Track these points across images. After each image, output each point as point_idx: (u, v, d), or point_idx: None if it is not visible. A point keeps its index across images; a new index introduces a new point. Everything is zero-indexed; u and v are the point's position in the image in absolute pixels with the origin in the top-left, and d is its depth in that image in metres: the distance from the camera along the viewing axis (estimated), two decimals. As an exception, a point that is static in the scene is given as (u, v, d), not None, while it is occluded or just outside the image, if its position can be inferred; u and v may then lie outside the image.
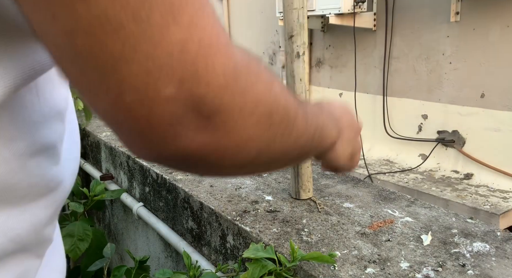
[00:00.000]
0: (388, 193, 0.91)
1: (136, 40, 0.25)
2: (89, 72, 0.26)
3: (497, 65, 2.56)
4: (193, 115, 0.28)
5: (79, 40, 0.25)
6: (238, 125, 0.31)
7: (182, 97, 0.27)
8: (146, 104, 0.27)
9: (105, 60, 0.25)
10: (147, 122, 0.27)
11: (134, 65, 0.26)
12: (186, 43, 0.26)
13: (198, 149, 0.30)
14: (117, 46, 0.25)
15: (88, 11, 0.24)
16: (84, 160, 1.78)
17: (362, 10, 3.09)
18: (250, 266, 0.64)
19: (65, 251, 1.23)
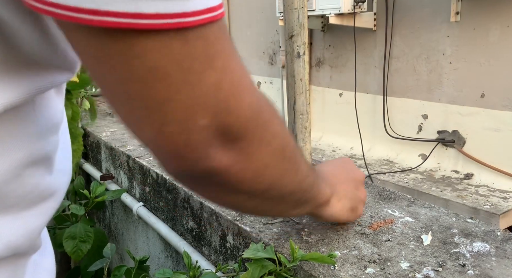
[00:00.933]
0: (388, 193, 0.91)
1: (180, 84, 0.30)
2: (138, 110, 0.32)
3: (497, 65, 2.56)
4: (222, 140, 0.34)
5: (133, 86, 0.30)
6: (257, 152, 0.37)
7: (214, 126, 0.33)
8: (184, 133, 0.32)
9: (153, 101, 0.31)
10: (184, 147, 0.33)
11: (176, 104, 0.31)
12: (220, 84, 0.32)
13: (223, 169, 0.36)
14: (164, 90, 0.30)
15: (142, 64, 0.29)
16: (84, 160, 1.78)
17: (362, 10, 3.09)
18: (250, 266, 0.64)
19: (68, 252, 1.23)
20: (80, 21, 0.27)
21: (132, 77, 0.30)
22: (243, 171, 0.37)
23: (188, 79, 0.30)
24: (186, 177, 0.38)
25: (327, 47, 3.58)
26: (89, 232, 1.26)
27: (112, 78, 0.30)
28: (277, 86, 4.09)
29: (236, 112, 0.33)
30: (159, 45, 0.29)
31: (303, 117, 0.88)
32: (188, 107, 0.31)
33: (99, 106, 2.23)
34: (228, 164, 0.36)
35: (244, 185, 0.39)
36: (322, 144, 3.64)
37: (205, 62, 0.31)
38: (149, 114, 0.32)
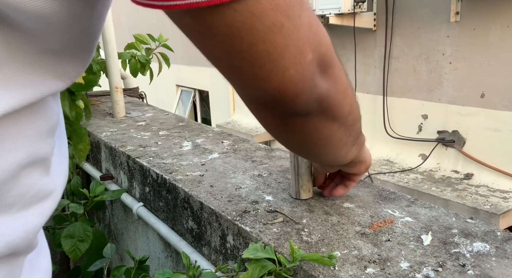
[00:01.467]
0: (388, 193, 0.91)
1: (290, 30, 0.36)
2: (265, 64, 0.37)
3: (497, 65, 2.56)
4: (320, 69, 0.41)
5: (259, 46, 0.35)
6: (340, 75, 0.45)
7: (316, 58, 0.39)
8: (300, 71, 0.38)
9: (276, 53, 0.36)
10: (302, 83, 0.39)
11: (292, 49, 0.37)
12: (310, 21, 0.38)
13: (327, 93, 0.43)
14: (282, 40, 0.36)
15: (263, 25, 0.34)
16: (84, 160, 1.78)
17: (362, 10, 3.09)
18: (249, 266, 0.64)
19: (66, 252, 1.23)
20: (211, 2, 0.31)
21: (258, 39, 0.35)
22: (337, 92, 0.46)
23: (294, 24, 0.36)
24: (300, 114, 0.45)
25: (327, 47, 3.58)
26: (88, 232, 1.26)
27: (241, 46, 0.35)
28: (277, 86, 4.08)
29: (324, 42, 0.40)
30: (271, 3, 0.33)
31: (303, 117, 0.88)
32: (300, 48, 0.37)
33: (99, 107, 2.23)
34: (329, 88, 0.43)
35: (340, 106, 0.47)
36: (322, 144, 3.63)
37: (299, 6, 0.36)
38: (275, 65, 0.37)
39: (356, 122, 0.56)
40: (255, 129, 4.34)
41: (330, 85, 0.44)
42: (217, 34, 0.34)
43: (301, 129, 0.49)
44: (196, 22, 0.34)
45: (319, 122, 0.48)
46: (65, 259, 1.89)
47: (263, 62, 0.37)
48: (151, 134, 1.59)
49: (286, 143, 0.56)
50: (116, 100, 1.94)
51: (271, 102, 0.42)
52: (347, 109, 0.50)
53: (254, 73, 0.38)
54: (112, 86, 1.93)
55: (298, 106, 0.42)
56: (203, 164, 1.17)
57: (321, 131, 0.51)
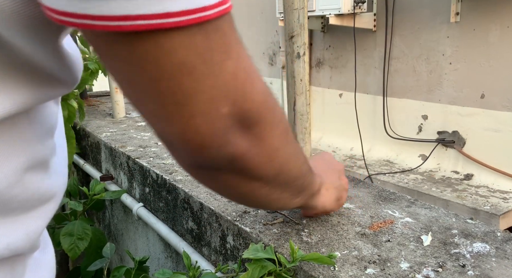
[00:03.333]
0: (388, 194, 0.91)
1: (204, 76, 0.32)
2: (167, 106, 0.33)
3: (497, 66, 2.56)
4: (240, 126, 0.36)
5: (162, 83, 0.32)
6: (269, 135, 0.40)
7: (234, 113, 0.35)
8: (210, 123, 0.34)
9: (182, 95, 0.32)
10: (210, 136, 0.35)
11: (202, 95, 0.33)
12: (237, 72, 0.34)
13: (241, 153, 0.38)
14: (191, 83, 0.32)
15: (171, 62, 0.31)
16: (84, 161, 1.78)
17: (362, 10, 3.09)
18: (249, 266, 0.64)
19: (65, 250, 1.23)
20: (113, 28, 0.28)
21: (163, 75, 0.31)
22: (259, 154, 0.40)
23: (211, 70, 0.32)
24: (208, 168, 0.40)
25: (327, 47, 3.58)
26: (87, 230, 1.26)
27: (142, 78, 0.32)
28: (277, 87, 4.09)
29: (251, 97, 0.36)
30: (185, 41, 0.30)
31: (303, 117, 0.88)
32: (213, 97, 0.33)
33: (99, 107, 2.23)
34: (247, 148, 0.38)
35: (259, 169, 0.42)
36: (322, 145, 3.64)
37: (224, 53, 0.33)
38: (178, 108, 0.33)
39: (292, 180, 0.51)
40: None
41: (251, 145, 0.38)
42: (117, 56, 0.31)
43: (213, 182, 0.44)
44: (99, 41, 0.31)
45: (233, 179, 0.43)
46: (65, 259, 1.89)
47: (166, 102, 0.33)
48: (151, 134, 1.59)
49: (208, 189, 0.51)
50: (116, 101, 1.94)
51: (175, 147, 0.38)
52: (274, 171, 0.44)
53: (156, 111, 0.34)
54: (112, 87, 1.93)
55: (202, 160, 0.38)
56: (203, 164, 1.17)
57: (238, 188, 0.46)
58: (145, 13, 0.28)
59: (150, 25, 0.28)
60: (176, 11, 0.29)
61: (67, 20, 0.29)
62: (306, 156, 0.55)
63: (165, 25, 0.29)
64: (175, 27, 0.29)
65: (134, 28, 0.28)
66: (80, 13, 0.28)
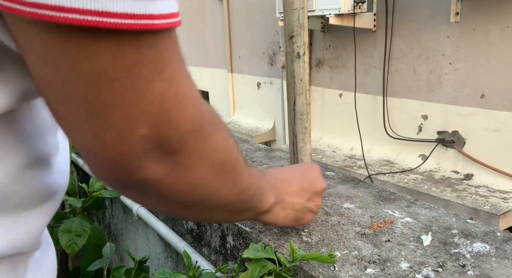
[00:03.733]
0: (388, 194, 0.91)
1: (126, 90, 0.29)
2: (77, 113, 0.30)
3: (497, 66, 2.56)
4: (158, 151, 0.33)
5: (76, 88, 0.29)
6: (194, 165, 0.36)
7: (152, 137, 0.32)
8: (121, 141, 0.31)
9: (95, 105, 0.29)
10: (119, 155, 0.32)
11: (119, 110, 0.30)
12: (165, 94, 0.31)
13: (156, 180, 0.35)
14: (108, 95, 0.29)
15: (91, 67, 0.28)
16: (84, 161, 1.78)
17: (362, 10, 3.09)
18: (249, 266, 0.64)
19: (63, 246, 1.23)
20: (43, 17, 0.26)
21: (78, 79, 0.28)
22: (177, 183, 0.37)
23: (135, 86, 0.30)
24: (119, 185, 0.37)
25: (327, 47, 3.58)
26: (85, 227, 1.26)
27: (56, 78, 0.29)
28: (277, 87, 4.09)
29: (176, 124, 0.33)
30: (113, 47, 0.28)
31: (303, 117, 0.88)
32: (130, 115, 0.30)
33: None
34: (163, 175, 0.35)
35: (178, 196, 0.39)
36: (322, 145, 3.64)
37: (154, 71, 0.30)
38: (89, 118, 0.30)
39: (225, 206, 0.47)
40: (255, 129, 4.35)
41: (170, 172, 0.35)
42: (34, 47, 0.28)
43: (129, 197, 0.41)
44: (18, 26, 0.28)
45: (148, 200, 0.40)
46: (64, 259, 1.89)
47: (77, 109, 0.30)
48: (151, 134, 1.59)
49: None
50: (116, 101, 1.94)
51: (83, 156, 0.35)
52: (195, 199, 0.40)
53: (66, 116, 0.31)
54: (112, 87, 1.93)
55: (109, 177, 0.35)
56: (203, 164, 1.17)
57: (157, 207, 0.43)
58: (82, 8, 0.26)
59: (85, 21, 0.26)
60: (118, 12, 0.26)
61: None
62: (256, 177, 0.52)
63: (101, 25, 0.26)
64: (104, 28, 0.27)
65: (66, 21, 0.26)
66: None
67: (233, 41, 4.54)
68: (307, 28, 0.84)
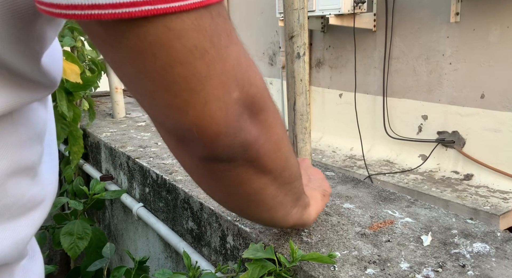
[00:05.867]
0: (388, 194, 0.91)
1: (215, 60, 0.32)
2: (181, 93, 0.32)
3: (497, 66, 2.56)
4: (249, 112, 0.36)
5: (176, 69, 0.31)
6: (274, 123, 0.41)
7: (243, 98, 0.35)
8: (223, 108, 0.34)
9: (196, 81, 0.32)
10: (224, 122, 0.35)
11: (215, 80, 0.32)
12: (239, 57, 0.34)
13: (254, 140, 0.38)
14: (204, 68, 0.31)
15: (183, 45, 0.30)
16: (84, 161, 1.78)
17: (362, 10, 3.09)
18: (249, 266, 0.64)
19: (65, 249, 1.23)
20: (121, 15, 0.27)
21: (175, 60, 0.30)
22: (268, 142, 0.40)
23: (220, 54, 0.32)
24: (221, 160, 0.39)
25: (327, 47, 3.58)
26: (87, 229, 1.26)
27: (154, 66, 0.31)
28: (277, 87, 4.09)
29: (255, 83, 0.36)
30: (194, 23, 0.30)
31: (303, 117, 0.88)
32: (224, 82, 0.33)
33: (99, 107, 2.23)
34: (257, 135, 0.38)
35: (269, 160, 0.42)
36: (322, 145, 3.64)
37: (228, 37, 0.33)
38: (193, 95, 0.32)
39: (293, 179, 0.51)
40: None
41: (260, 131, 0.38)
42: (127, 46, 0.30)
43: (224, 178, 0.43)
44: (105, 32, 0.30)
45: (246, 172, 0.42)
46: (64, 259, 1.89)
47: (179, 89, 0.32)
48: (151, 134, 1.59)
49: (211, 193, 0.50)
50: (116, 101, 1.94)
51: (189, 139, 0.36)
52: (281, 163, 0.44)
53: (169, 100, 0.33)
54: (112, 87, 1.93)
55: (219, 149, 0.37)
56: (203, 164, 1.17)
57: (249, 183, 0.45)
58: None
59: (159, 10, 0.28)
60: None
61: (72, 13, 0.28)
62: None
63: (173, 9, 0.28)
64: (184, 10, 0.29)
65: (143, 14, 0.28)
66: (86, 4, 0.27)
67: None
68: (307, 28, 0.84)
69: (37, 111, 0.42)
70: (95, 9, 0.27)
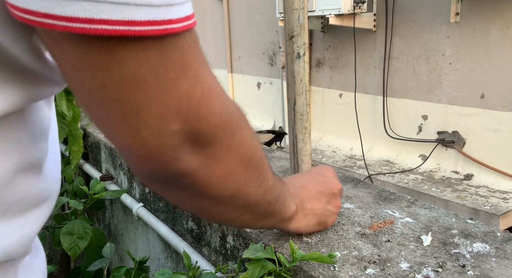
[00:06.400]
0: (388, 194, 0.91)
1: (155, 91, 0.32)
2: (114, 115, 0.33)
3: (497, 66, 2.56)
4: (192, 145, 0.36)
5: (111, 93, 0.31)
6: (224, 157, 0.39)
7: (185, 131, 0.34)
8: (157, 137, 0.34)
9: (129, 107, 0.32)
10: (157, 150, 0.35)
11: (151, 109, 0.32)
12: (192, 91, 0.34)
13: (191, 171, 0.37)
14: (140, 96, 0.32)
15: (122, 72, 0.30)
16: (84, 161, 1.78)
17: (362, 10, 3.09)
18: (249, 266, 0.64)
19: (65, 249, 1.23)
20: (76, 30, 0.28)
21: (112, 84, 0.31)
22: (210, 174, 0.39)
23: (163, 86, 0.32)
24: (157, 180, 0.39)
25: (327, 47, 3.58)
26: (87, 229, 1.26)
27: (91, 85, 0.31)
28: (277, 87, 4.09)
29: (206, 118, 0.35)
30: (139, 53, 0.30)
31: (303, 117, 0.88)
32: (162, 113, 0.33)
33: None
34: (197, 167, 0.37)
35: (210, 189, 0.41)
36: (322, 145, 3.64)
37: (180, 71, 0.32)
38: (125, 119, 0.33)
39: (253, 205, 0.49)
40: (255, 129, 4.35)
41: (202, 164, 0.38)
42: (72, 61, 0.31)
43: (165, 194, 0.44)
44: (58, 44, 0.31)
45: (183, 195, 0.42)
46: (64, 259, 1.89)
47: (113, 112, 0.33)
48: (151, 134, 1.58)
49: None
50: (116, 101, 1.94)
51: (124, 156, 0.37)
52: (226, 193, 0.42)
53: (103, 119, 0.34)
54: (112, 87, 1.93)
55: (150, 172, 0.37)
56: (203, 164, 1.17)
57: (189, 204, 0.45)
58: (110, 19, 0.28)
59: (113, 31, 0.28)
60: (140, 20, 0.28)
61: (28, 17, 0.28)
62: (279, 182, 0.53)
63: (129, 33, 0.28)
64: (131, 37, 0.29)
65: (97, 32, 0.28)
66: (42, 12, 0.28)
67: (233, 41, 4.53)
68: (307, 28, 0.84)
69: (43, 109, 0.43)
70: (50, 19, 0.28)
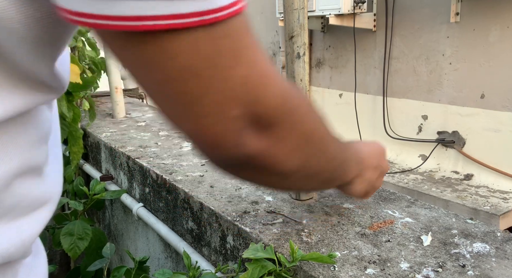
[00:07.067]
0: (388, 194, 0.91)
1: (210, 80, 0.33)
2: (176, 106, 0.34)
3: (497, 66, 2.56)
4: (254, 128, 0.37)
5: (169, 86, 0.33)
6: (286, 137, 0.40)
7: (246, 116, 0.36)
8: (219, 124, 0.35)
9: (188, 97, 0.33)
10: (221, 136, 0.36)
11: (209, 98, 0.33)
12: (247, 77, 0.34)
13: (257, 153, 0.39)
14: (197, 87, 0.33)
15: (175, 65, 0.31)
16: (84, 161, 1.78)
17: (362, 10, 3.09)
18: (249, 266, 0.64)
19: (65, 249, 1.23)
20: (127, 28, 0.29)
21: (168, 78, 0.32)
22: (276, 154, 0.40)
23: (218, 74, 0.33)
24: (227, 164, 0.41)
25: (327, 48, 3.58)
26: (87, 230, 1.26)
27: (150, 79, 0.33)
28: (277, 87, 4.08)
29: (264, 101, 0.36)
30: (189, 44, 0.31)
31: (303, 117, 0.88)
32: (220, 100, 0.34)
33: (99, 107, 2.23)
34: (262, 148, 0.39)
35: (277, 167, 0.42)
36: (322, 145, 3.63)
37: (232, 59, 0.33)
38: (186, 109, 0.34)
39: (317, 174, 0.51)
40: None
41: (268, 144, 0.39)
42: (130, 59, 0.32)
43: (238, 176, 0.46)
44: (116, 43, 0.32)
45: (253, 174, 0.44)
46: (64, 259, 1.89)
47: (175, 103, 0.34)
48: (151, 134, 1.59)
49: None
50: (116, 101, 1.94)
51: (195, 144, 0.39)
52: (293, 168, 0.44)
53: (168, 110, 0.36)
54: (112, 87, 1.93)
55: (221, 157, 0.39)
56: (203, 164, 1.17)
57: (259, 181, 0.48)
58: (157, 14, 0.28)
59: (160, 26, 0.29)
60: (186, 13, 0.29)
61: (81, 20, 0.29)
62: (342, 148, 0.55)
63: (171, 26, 0.29)
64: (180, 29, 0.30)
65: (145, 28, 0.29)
66: (95, 14, 0.28)
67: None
68: (307, 28, 0.84)
69: (44, 112, 0.43)
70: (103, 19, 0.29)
